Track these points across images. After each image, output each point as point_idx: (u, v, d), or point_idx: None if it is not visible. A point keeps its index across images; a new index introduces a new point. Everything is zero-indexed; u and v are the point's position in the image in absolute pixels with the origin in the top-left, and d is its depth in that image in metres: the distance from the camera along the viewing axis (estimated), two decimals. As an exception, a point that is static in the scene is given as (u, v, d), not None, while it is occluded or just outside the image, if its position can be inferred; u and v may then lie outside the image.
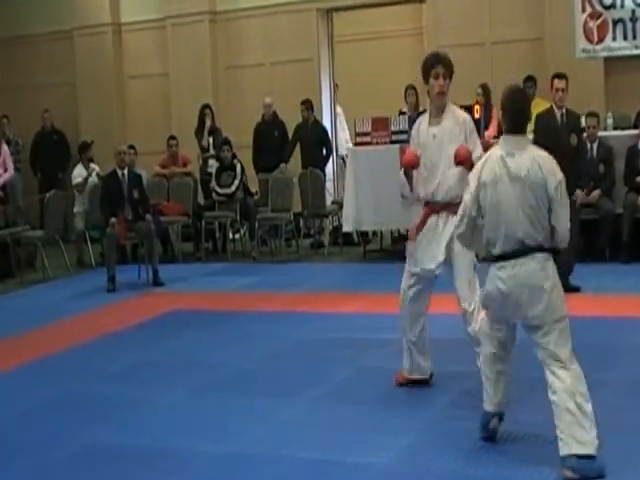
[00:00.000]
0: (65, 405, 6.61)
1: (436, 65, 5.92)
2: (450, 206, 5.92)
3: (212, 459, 5.37)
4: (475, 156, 5.84)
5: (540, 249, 4.95)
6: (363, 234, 12.71)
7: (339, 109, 15.03)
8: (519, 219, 4.91)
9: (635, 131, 11.22)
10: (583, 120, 11.38)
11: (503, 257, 4.98)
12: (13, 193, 14.67)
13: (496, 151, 5.07)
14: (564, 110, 9.32)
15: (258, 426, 5.84)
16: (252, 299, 10.03)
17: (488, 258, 5.09)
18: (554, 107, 9.30)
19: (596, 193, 10.66)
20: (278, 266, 12.24)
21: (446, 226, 6.01)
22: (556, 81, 9.27)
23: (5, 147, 13.44)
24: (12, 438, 6.00)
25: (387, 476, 5.00)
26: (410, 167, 6.08)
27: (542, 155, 5.04)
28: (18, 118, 16.03)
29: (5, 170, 13.15)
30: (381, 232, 12.99)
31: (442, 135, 5.92)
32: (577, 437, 4.73)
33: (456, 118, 5.98)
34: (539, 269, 4.92)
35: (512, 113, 5.05)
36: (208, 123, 13.98)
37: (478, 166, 5.15)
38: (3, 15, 16.59)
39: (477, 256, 5.74)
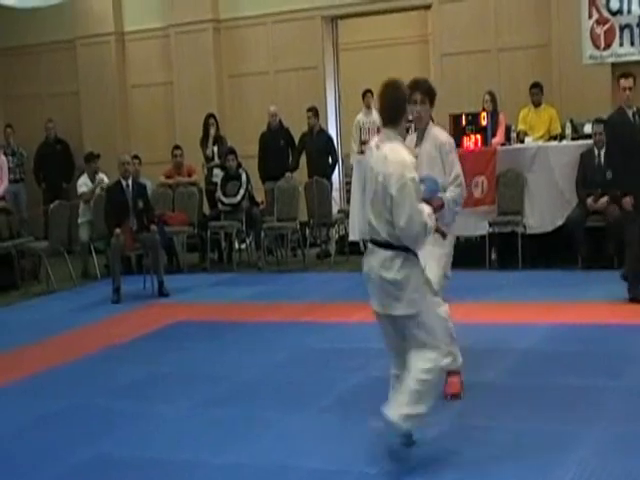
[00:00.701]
0: (69, 417, 6.56)
1: (414, 92, 6.06)
2: None
3: (217, 470, 5.32)
4: (451, 177, 6.11)
5: (385, 245, 5.09)
6: (369, 243, 12.60)
7: (376, 115, 14.59)
8: (369, 210, 5.16)
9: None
10: (589, 127, 11.32)
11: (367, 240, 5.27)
12: (17, 204, 14.67)
13: (373, 141, 5.32)
14: (634, 109, 9.12)
15: (263, 436, 5.79)
16: (258, 309, 9.96)
17: None
18: (624, 107, 9.06)
19: (604, 200, 10.55)
20: (284, 276, 12.18)
21: None
22: (622, 80, 9.02)
23: (3, 158, 13.40)
24: (17, 449, 5.96)
25: (395, 487, 4.94)
26: None
27: (397, 152, 5.07)
28: (21, 128, 16.03)
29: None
30: (387, 241, 12.89)
31: (422, 157, 6.10)
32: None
33: (434, 141, 6.21)
34: (381, 264, 5.12)
35: (385, 107, 5.24)
36: (212, 132, 13.92)
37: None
38: (6, 25, 16.55)
39: None
